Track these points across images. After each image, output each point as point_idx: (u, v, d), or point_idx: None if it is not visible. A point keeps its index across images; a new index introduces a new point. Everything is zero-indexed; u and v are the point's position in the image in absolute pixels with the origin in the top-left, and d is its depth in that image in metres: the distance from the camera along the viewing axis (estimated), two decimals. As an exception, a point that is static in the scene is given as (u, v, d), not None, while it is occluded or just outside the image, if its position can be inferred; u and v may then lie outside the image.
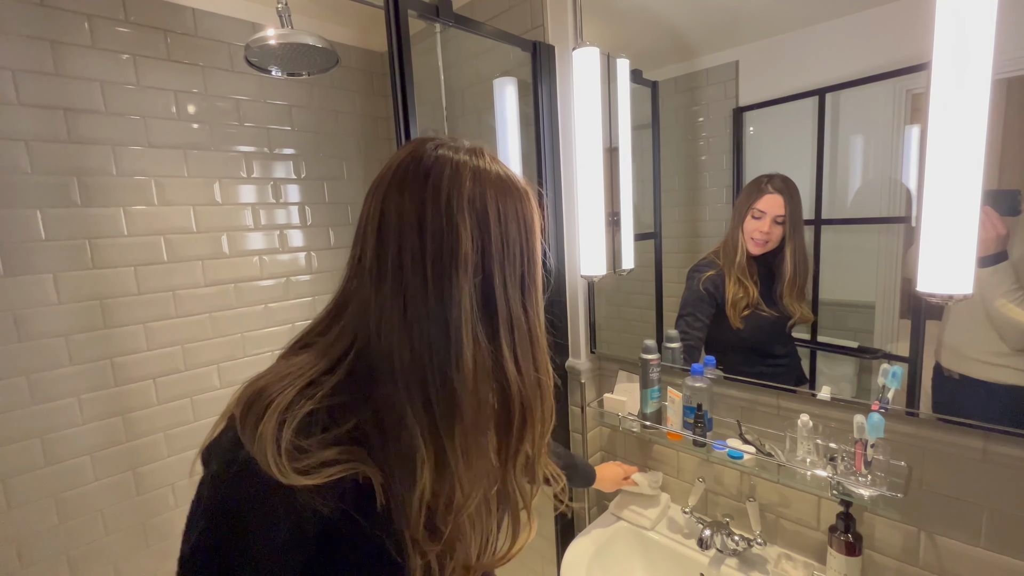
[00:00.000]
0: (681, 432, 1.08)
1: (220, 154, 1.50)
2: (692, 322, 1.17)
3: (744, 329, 1.10)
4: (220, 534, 0.40)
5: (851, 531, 0.88)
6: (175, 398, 1.44)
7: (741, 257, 1.08)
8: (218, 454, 0.42)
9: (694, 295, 1.16)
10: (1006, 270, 0.78)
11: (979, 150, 0.67)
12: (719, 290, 1.12)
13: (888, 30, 0.86)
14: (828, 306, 1.02)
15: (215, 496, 0.41)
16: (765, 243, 1.05)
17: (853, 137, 0.95)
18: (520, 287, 0.48)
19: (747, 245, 1.07)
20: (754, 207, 1.04)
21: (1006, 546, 0.80)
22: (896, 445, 0.88)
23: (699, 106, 1.14)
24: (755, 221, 1.04)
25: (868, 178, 0.94)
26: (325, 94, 1.73)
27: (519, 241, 0.48)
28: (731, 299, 1.10)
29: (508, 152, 1.41)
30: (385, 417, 0.43)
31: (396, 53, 0.96)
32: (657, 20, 1.17)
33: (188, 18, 1.41)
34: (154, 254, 1.38)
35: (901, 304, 0.91)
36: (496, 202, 0.46)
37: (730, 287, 1.10)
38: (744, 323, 1.10)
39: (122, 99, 1.32)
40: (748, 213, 1.05)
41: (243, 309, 1.56)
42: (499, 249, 0.46)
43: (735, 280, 1.10)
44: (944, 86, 0.68)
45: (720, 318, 1.13)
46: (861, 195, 0.95)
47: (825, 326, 1.02)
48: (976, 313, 0.82)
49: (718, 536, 1.04)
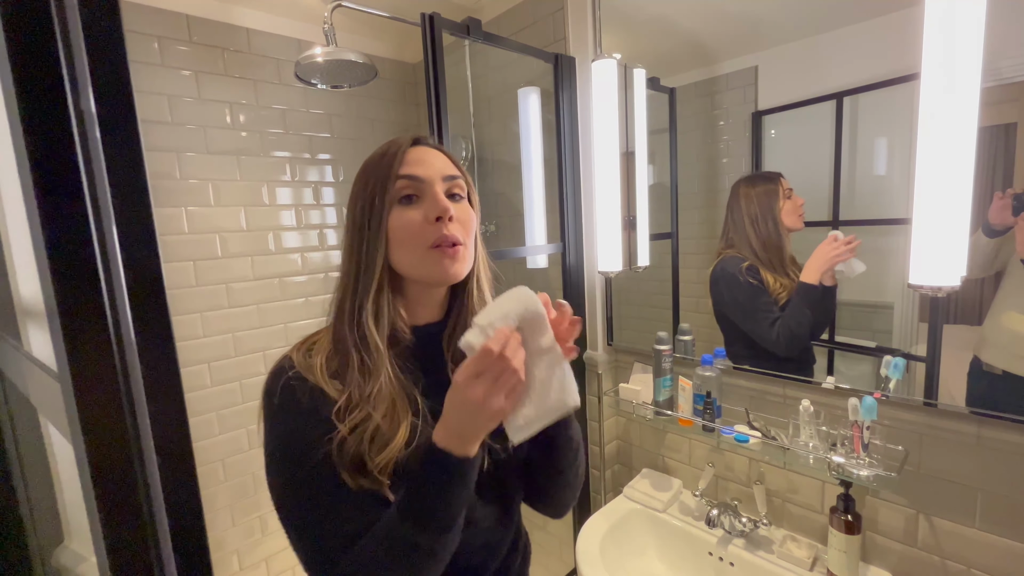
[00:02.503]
0: (691, 418, 1.15)
1: (267, 159, 1.64)
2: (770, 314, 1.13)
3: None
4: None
5: (851, 511, 0.93)
6: (226, 381, 1.58)
7: (787, 243, 1.08)
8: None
9: (752, 289, 1.13)
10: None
11: (967, 155, 0.72)
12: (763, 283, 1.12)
13: (903, 35, 0.87)
14: (847, 306, 1.03)
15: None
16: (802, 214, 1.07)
17: (870, 140, 0.97)
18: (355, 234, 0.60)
19: (789, 225, 1.07)
20: (783, 186, 1.07)
21: (999, 526, 0.85)
22: (898, 432, 0.93)
23: (719, 110, 1.18)
24: (789, 202, 1.07)
25: (885, 180, 0.96)
26: (362, 103, 1.87)
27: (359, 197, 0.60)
28: (774, 286, 1.11)
29: (531, 156, 1.51)
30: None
31: (432, 67, 1.06)
32: (676, 29, 1.23)
33: (243, 37, 1.56)
34: (210, 250, 1.53)
35: (920, 306, 0.93)
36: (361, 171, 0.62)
37: (775, 279, 1.10)
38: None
39: (185, 110, 1.47)
40: (780, 196, 1.07)
41: (286, 301, 1.70)
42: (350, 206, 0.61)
43: (780, 272, 1.10)
44: (932, 95, 0.74)
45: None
46: (878, 197, 0.97)
47: (843, 326, 1.05)
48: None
49: (726, 517, 1.10)
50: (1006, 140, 0.81)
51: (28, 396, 0.70)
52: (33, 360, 0.43)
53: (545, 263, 1.62)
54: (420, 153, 0.61)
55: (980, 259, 0.84)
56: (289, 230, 1.71)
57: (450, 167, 0.62)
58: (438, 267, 0.59)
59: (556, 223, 1.48)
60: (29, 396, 0.65)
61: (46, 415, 0.38)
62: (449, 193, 0.61)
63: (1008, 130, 0.81)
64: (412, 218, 0.58)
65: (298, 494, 0.56)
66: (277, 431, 0.57)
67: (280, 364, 0.61)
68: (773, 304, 1.11)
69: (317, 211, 1.78)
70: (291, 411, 0.56)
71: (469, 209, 0.64)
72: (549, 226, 1.55)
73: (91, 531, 0.27)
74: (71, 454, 0.65)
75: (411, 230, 0.58)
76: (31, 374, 0.45)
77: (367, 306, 0.59)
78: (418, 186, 0.59)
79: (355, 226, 0.60)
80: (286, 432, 0.56)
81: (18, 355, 0.53)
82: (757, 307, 1.13)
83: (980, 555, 0.87)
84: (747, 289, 1.13)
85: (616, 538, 1.18)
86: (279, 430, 0.57)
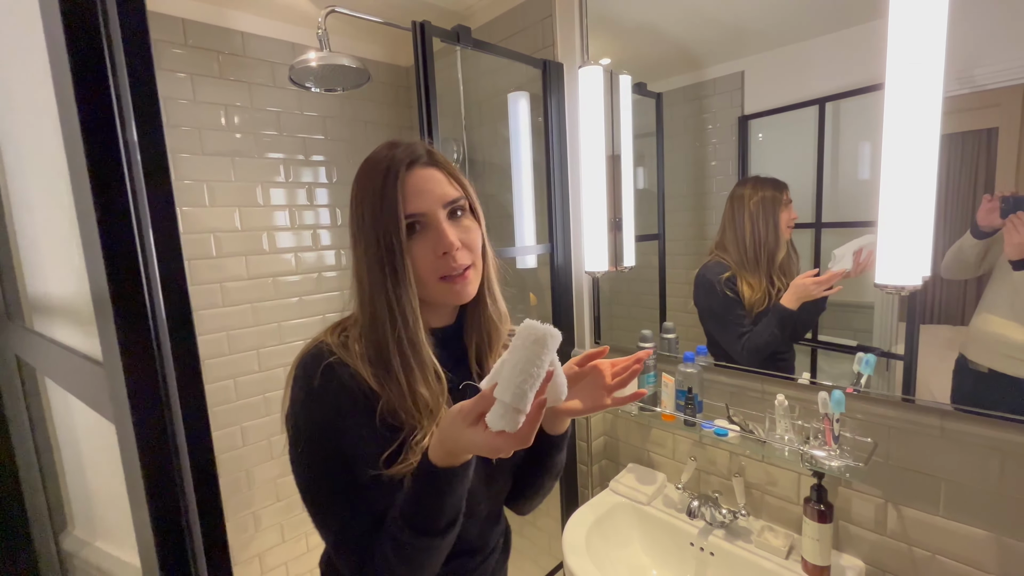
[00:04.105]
0: (673, 413, 1.19)
1: (261, 160, 1.67)
2: (739, 327, 1.16)
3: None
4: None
5: (823, 501, 0.98)
6: (219, 379, 1.60)
7: (784, 250, 1.09)
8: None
9: (727, 300, 1.15)
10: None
11: (930, 160, 0.76)
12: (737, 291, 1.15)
13: (880, 44, 0.88)
14: (829, 306, 1.06)
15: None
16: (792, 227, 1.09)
17: (852, 144, 1.00)
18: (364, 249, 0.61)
19: (784, 235, 1.09)
20: (786, 196, 1.08)
21: (961, 514, 0.89)
22: (868, 425, 0.98)
23: (707, 114, 1.20)
24: (786, 212, 1.08)
25: (866, 183, 0.99)
26: (355, 106, 1.89)
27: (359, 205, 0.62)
28: (751, 298, 1.13)
29: (521, 159, 1.54)
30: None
31: (422, 73, 1.10)
32: (662, 36, 1.26)
33: (237, 40, 1.59)
34: (205, 249, 1.55)
35: (899, 306, 0.96)
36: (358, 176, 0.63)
37: (753, 290, 1.13)
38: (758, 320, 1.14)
39: (180, 112, 1.49)
40: (783, 205, 1.08)
41: (280, 301, 1.72)
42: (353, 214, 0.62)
43: (766, 278, 1.11)
44: (895, 102, 0.78)
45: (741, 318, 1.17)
46: (860, 199, 1.00)
47: (826, 326, 1.08)
48: (1018, 312, 0.84)
49: (707, 509, 1.14)
50: (988, 145, 0.84)
51: (42, 390, 0.73)
52: (69, 350, 0.46)
53: (534, 263, 1.66)
54: (418, 181, 0.60)
55: (968, 260, 0.86)
56: (283, 230, 1.73)
57: (450, 189, 0.62)
58: (450, 295, 0.62)
59: (544, 224, 1.51)
60: (45, 388, 0.68)
61: (85, 401, 0.42)
62: (451, 213, 0.62)
63: (991, 135, 0.84)
64: (420, 253, 0.60)
65: (331, 478, 0.57)
66: (315, 415, 0.58)
67: (317, 347, 0.61)
68: (744, 317, 1.15)
69: (311, 212, 1.81)
70: (332, 394, 0.57)
71: (474, 224, 0.64)
72: (538, 227, 1.59)
73: (130, 499, 0.31)
74: (77, 446, 0.68)
75: (422, 264, 0.60)
76: (60, 365, 0.49)
77: (415, 339, 0.60)
78: (421, 219, 0.60)
79: (369, 260, 0.60)
80: (325, 416, 0.58)
81: (46, 344, 0.56)
82: (728, 319, 1.17)
83: (944, 541, 0.91)
84: (722, 300, 1.17)
85: (602, 530, 1.22)
86: (317, 414, 0.58)
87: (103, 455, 0.51)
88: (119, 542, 0.62)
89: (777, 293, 1.11)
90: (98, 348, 0.33)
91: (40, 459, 0.72)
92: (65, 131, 0.31)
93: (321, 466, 0.58)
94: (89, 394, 0.41)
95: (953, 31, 0.74)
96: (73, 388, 0.48)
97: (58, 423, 0.71)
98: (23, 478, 0.70)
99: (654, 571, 1.20)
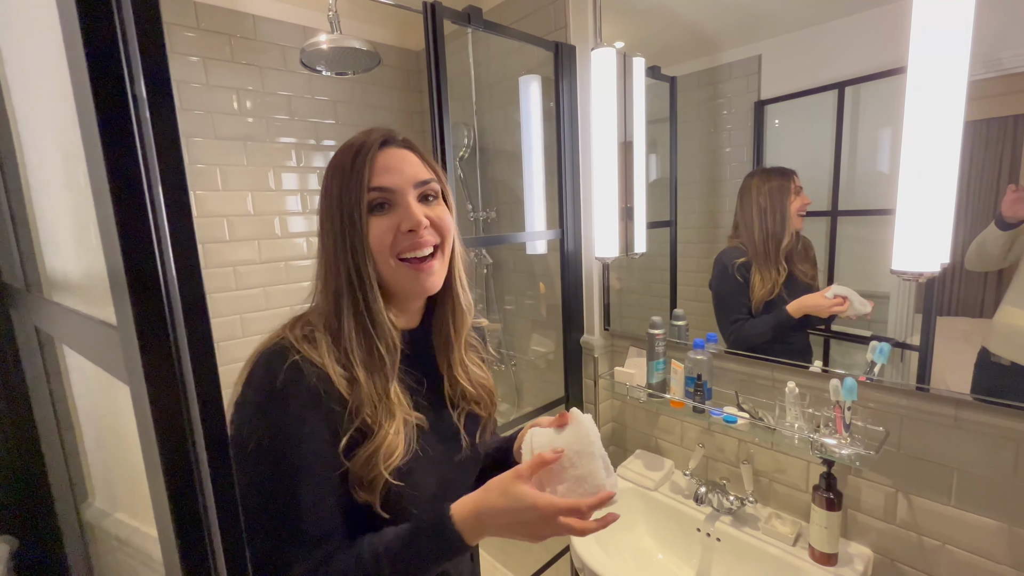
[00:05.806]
0: (682, 400, 1.18)
1: (273, 145, 1.67)
2: (736, 313, 1.18)
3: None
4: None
5: (832, 489, 0.97)
6: (232, 361, 1.62)
7: (791, 238, 1.09)
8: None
9: (736, 285, 1.17)
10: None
11: (952, 145, 0.74)
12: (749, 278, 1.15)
13: (902, 25, 0.85)
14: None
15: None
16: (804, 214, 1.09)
17: (871, 130, 0.98)
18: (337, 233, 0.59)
19: (795, 224, 1.08)
20: (795, 183, 1.07)
21: (973, 504, 0.88)
22: (881, 414, 0.97)
23: (722, 99, 1.18)
24: (798, 199, 1.07)
25: (884, 170, 0.97)
26: (366, 90, 1.89)
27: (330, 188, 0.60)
28: (759, 292, 1.14)
29: (532, 144, 1.53)
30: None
31: (432, 56, 1.09)
32: (677, 18, 1.23)
33: (249, 23, 1.58)
34: (218, 233, 1.57)
35: (916, 296, 0.93)
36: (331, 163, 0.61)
37: (763, 280, 1.13)
38: (765, 309, 1.14)
39: (193, 96, 1.50)
40: (792, 192, 1.07)
41: (292, 284, 1.74)
42: (322, 193, 0.61)
43: (772, 265, 1.11)
44: (917, 84, 0.76)
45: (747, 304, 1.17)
46: (878, 186, 0.98)
47: (841, 315, 1.05)
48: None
49: (714, 495, 1.15)
50: (1015, 132, 0.80)
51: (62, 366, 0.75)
52: (84, 316, 0.48)
53: (544, 249, 1.65)
54: (389, 159, 0.59)
55: (992, 253, 0.84)
56: (295, 215, 1.74)
57: (421, 170, 0.61)
58: (414, 282, 0.60)
59: (555, 210, 1.50)
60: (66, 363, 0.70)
61: (99, 364, 0.43)
62: (422, 196, 0.60)
63: (1018, 121, 0.80)
64: (384, 228, 0.58)
65: (280, 486, 0.51)
66: (273, 417, 0.52)
67: (279, 344, 0.56)
68: (745, 306, 1.16)
69: (322, 197, 1.81)
70: (296, 397, 0.52)
71: (444, 209, 0.63)
72: (548, 213, 1.58)
73: (145, 464, 0.33)
74: (96, 419, 0.70)
75: (384, 241, 0.58)
76: (75, 329, 0.51)
77: (373, 305, 0.58)
78: (389, 196, 0.58)
79: (333, 234, 0.58)
80: (287, 419, 0.52)
81: (63, 311, 0.58)
82: (730, 303, 1.19)
83: (955, 531, 0.91)
84: (732, 283, 1.18)
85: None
86: (276, 416, 0.52)
87: (121, 425, 0.53)
88: (139, 515, 0.64)
89: (784, 281, 1.11)
90: (113, 318, 0.35)
91: (61, 430, 0.74)
92: (80, 115, 0.32)
93: (277, 473, 0.52)
94: (103, 357, 0.42)
95: (980, 10, 0.71)
96: (87, 351, 0.50)
97: (77, 395, 0.73)
98: (45, 449, 0.72)
99: (660, 555, 1.21)
